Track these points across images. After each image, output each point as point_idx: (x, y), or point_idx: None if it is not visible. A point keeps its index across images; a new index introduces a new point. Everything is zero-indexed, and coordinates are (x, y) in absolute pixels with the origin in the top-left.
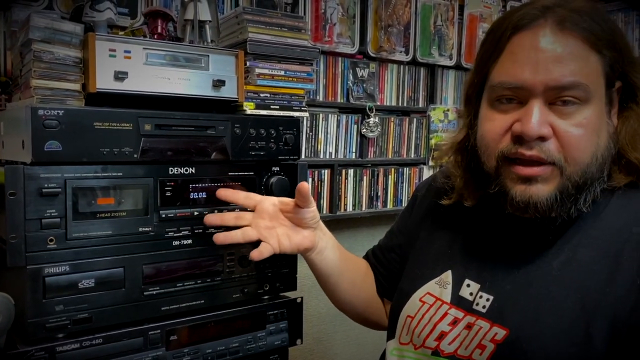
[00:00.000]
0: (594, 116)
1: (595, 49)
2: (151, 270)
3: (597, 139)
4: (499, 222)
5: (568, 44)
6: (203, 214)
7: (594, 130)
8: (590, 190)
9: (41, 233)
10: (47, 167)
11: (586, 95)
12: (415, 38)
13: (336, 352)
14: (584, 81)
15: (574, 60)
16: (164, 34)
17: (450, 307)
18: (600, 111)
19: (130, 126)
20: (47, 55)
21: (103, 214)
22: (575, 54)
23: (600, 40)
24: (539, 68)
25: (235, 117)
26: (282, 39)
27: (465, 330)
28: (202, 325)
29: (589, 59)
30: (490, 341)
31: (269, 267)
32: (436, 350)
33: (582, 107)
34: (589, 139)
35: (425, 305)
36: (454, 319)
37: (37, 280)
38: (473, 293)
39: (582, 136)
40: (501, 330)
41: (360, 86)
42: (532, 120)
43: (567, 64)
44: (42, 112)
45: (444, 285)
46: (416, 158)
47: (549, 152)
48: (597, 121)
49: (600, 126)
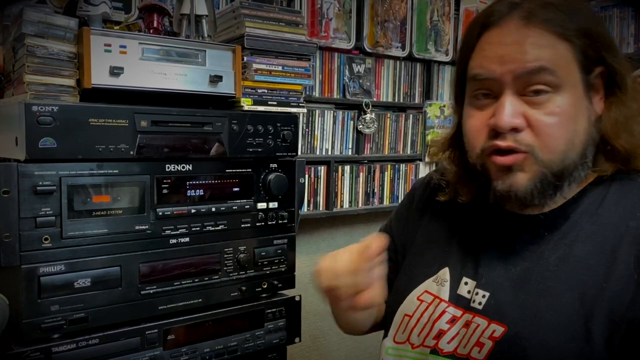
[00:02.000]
0: (567, 103)
1: (563, 37)
2: (148, 269)
3: (574, 126)
4: (494, 218)
5: (532, 36)
6: (200, 211)
7: (568, 117)
8: (573, 177)
9: (36, 232)
10: (41, 165)
11: (556, 80)
12: (412, 33)
13: (333, 350)
14: (550, 66)
15: (538, 49)
16: (159, 28)
17: (448, 305)
18: (576, 97)
19: (126, 122)
20: (40, 50)
21: (99, 212)
22: (540, 44)
23: (567, 30)
24: (505, 59)
25: (233, 113)
26: (280, 33)
27: (464, 329)
28: (200, 324)
29: (557, 47)
30: (488, 338)
31: (267, 265)
32: (435, 348)
33: (554, 95)
34: (563, 126)
35: (424, 304)
36: (452, 317)
37: (32, 279)
38: (470, 290)
39: (555, 124)
40: (499, 327)
41: (357, 82)
42: (504, 113)
43: (531, 52)
44: (36, 108)
45: (442, 283)
46: (412, 154)
47: (522, 142)
48: (571, 108)
49: (576, 113)
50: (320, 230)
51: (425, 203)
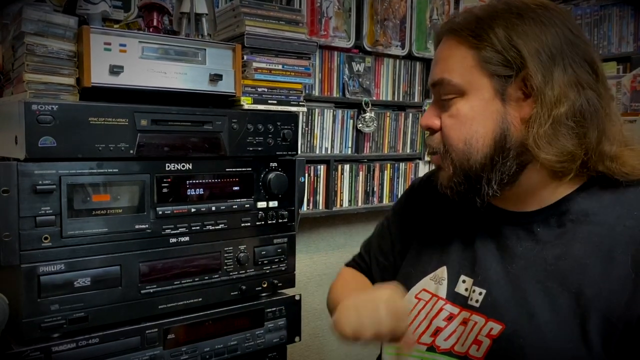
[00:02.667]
0: (467, 107)
1: (468, 44)
2: (148, 268)
3: (474, 127)
4: (487, 215)
5: (446, 47)
6: (200, 210)
7: (466, 119)
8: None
9: (35, 231)
10: (41, 164)
11: (456, 87)
12: (411, 32)
13: (332, 349)
14: (447, 76)
15: (444, 60)
16: (159, 27)
17: (446, 302)
18: (480, 101)
19: (126, 121)
20: (40, 48)
21: (99, 211)
22: (448, 54)
23: (476, 36)
24: (431, 71)
25: (233, 112)
26: (280, 32)
27: (462, 326)
28: (200, 324)
29: (459, 55)
30: (486, 336)
31: (267, 264)
32: (432, 346)
33: (459, 99)
34: (459, 128)
35: (421, 302)
36: (450, 315)
37: (31, 279)
38: (468, 288)
39: (453, 125)
40: (497, 325)
41: (356, 81)
42: (424, 115)
43: (439, 65)
44: (36, 107)
45: (439, 281)
46: (412, 153)
47: (434, 142)
48: (470, 111)
49: (476, 116)
50: (320, 229)
51: (424, 201)
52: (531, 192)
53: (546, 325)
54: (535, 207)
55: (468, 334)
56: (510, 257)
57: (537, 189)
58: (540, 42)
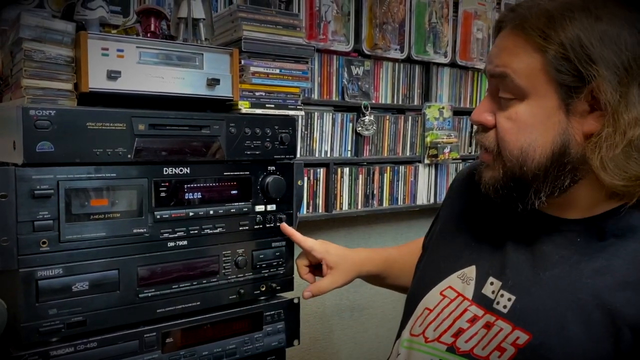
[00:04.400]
0: (527, 113)
1: (538, 48)
2: (146, 272)
3: (533, 136)
4: (525, 218)
5: (511, 40)
6: (198, 214)
7: (525, 125)
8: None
9: (33, 235)
10: (39, 169)
11: (518, 89)
12: (410, 35)
13: (333, 352)
14: (512, 74)
15: (509, 53)
16: (157, 32)
17: (471, 303)
18: (542, 109)
19: (124, 126)
20: (38, 54)
21: (97, 216)
22: (513, 50)
23: (547, 41)
24: (489, 59)
25: (230, 116)
26: (277, 36)
27: (484, 330)
28: (198, 327)
29: (527, 57)
30: (511, 344)
31: (266, 267)
32: (452, 346)
33: (518, 102)
34: (517, 133)
35: (446, 300)
36: (473, 317)
37: (29, 283)
38: (495, 291)
39: (510, 129)
40: (524, 335)
41: (355, 84)
42: (476, 109)
43: (502, 55)
44: (34, 113)
45: (467, 281)
46: (412, 156)
47: (487, 140)
48: (531, 118)
49: (536, 123)
50: (320, 232)
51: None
52: (575, 201)
53: (577, 340)
54: (576, 216)
55: (491, 339)
56: (544, 264)
57: (583, 200)
58: (616, 51)
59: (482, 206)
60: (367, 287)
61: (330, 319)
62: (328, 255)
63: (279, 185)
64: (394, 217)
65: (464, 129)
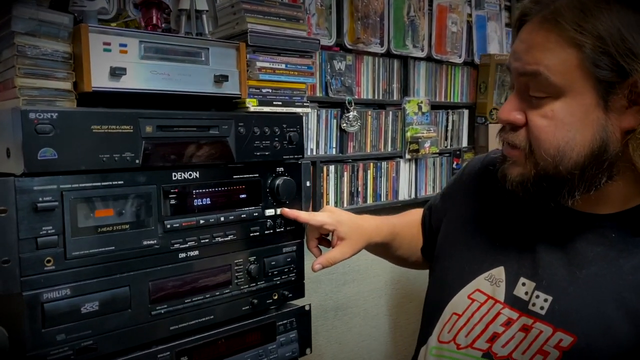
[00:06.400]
0: (564, 110)
1: (573, 43)
2: (158, 287)
3: (571, 134)
4: (554, 215)
5: (542, 38)
6: (209, 221)
7: (562, 124)
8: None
9: (37, 253)
10: (41, 178)
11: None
12: (389, 29)
13: (318, 354)
14: (546, 71)
15: (541, 52)
16: (159, 25)
17: (504, 306)
18: (580, 106)
19: (131, 128)
20: (32, 50)
21: (104, 228)
22: (545, 47)
23: (582, 34)
24: (516, 56)
25: (239, 115)
26: (281, 29)
27: (521, 333)
28: (213, 343)
29: (562, 52)
30: (554, 347)
31: (277, 274)
32: (488, 352)
33: (553, 99)
34: (554, 132)
35: (475, 303)
36: (508, 320)
37: (35, 307)
38: (528, 292)
39: (546, 127)
40: (567, 337)
41: (339, 79)
42: (503, 108)
43: (533, 52)
44: (34, 116)
45: (497, 283)
46: (393, 152)
47: (517, 139)
48: (568, 116)
49: (575, 121)
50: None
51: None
52: (608, 197)
53: (625, 339)
54: (608, 211)
55: (531, 343)
56: (579, 261)
57: (616, 195)
58: None
59: (503, 204)
60: (351, 286)
61: (316, 321)
62: (340, 226)
63: (290, 187)
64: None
65: (441, 123)
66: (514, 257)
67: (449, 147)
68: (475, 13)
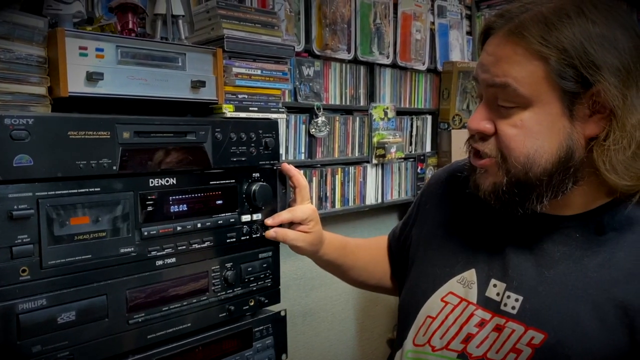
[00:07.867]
0: (532, 120)
1: (538, 55)
2: (135, 295)
3: (539, 142)
4: (522, 218)
5: (508, 50)
6: (186, 228)
7: (531, 132)
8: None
9: (12, 263)
10: (16, 186)
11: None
12: (356, 36)
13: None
14: (514, 83)
15: (508, 64)
16: (135, 29)
17: (476, 307)
18: (546, 115)
19: (108, 134)
20: (5, 54)
21: (81, 236)
22: (512, 60)
23: (547, 47)
24: (484, 68)
25: (216, 121)
26: (257, 35)
27: (495, 333)
28: (190, 351)
29: (528, 65)
30: (526, 345)
31: (254, 280)
32: (463, 353)
33: (521, 109)
34: (523, 141)
35: (449, 306)
36: (481, 321)
37: (9, 319)
38: (500, 293)
39: (515, 136)
40: (538, 334)
41: (307, 85)
42: (473, 117)
43: (501, 65)
44: (9, 121)
45: (469, 285)
46: (360, 157)
47: (487, 148)
48: (536, 125)
49: (542, 130)
50: None
51: (446, 197)
52: (573, 200)
53: (593, 334)
54: (571, 212)
55: (504, 342)
56: (547, 262)
57: (581, 198)
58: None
59: (473, 209)
60: (318, 291)
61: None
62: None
63: (266, 192)
64: (343, 218)
65: (406, 128)
66: (485, 260)
67: (414, 152)
68: (437, 21)
